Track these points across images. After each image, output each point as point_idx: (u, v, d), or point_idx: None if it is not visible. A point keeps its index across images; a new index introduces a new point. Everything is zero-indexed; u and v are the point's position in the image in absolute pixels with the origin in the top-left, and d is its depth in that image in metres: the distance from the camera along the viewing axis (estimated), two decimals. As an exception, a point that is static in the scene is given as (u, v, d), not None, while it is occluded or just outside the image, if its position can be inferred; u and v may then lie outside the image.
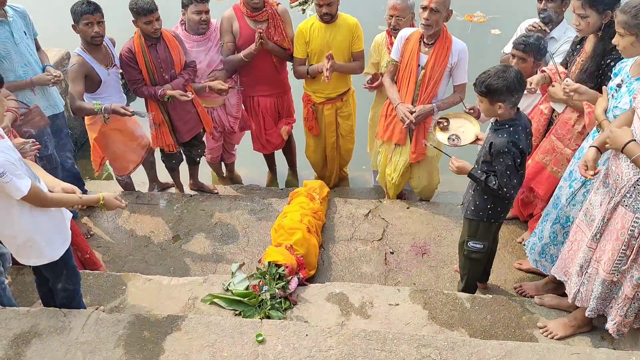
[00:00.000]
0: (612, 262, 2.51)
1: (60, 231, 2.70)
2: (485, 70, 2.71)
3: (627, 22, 2.39)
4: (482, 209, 2.94)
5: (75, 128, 5.22)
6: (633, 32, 2.39)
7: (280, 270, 3.21)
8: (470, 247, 3.08)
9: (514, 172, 2.74)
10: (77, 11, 3.49)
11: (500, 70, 2.66)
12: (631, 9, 2.37)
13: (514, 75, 2.63)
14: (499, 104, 2.67)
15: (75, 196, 2.64)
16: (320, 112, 4.31)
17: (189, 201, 4.29)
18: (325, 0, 3.80)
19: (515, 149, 2.69)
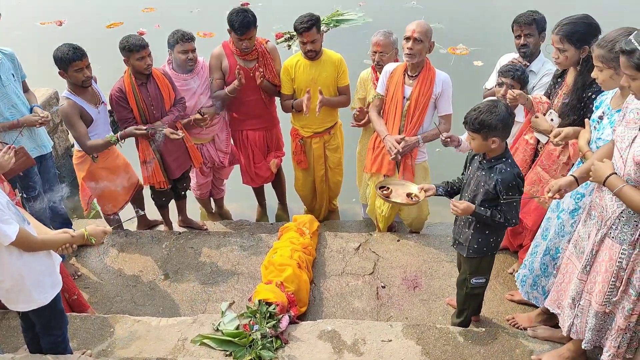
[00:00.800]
0: (603, 293, 2.50)
1: (49, 274, 2.66)
2: (475, 107, 2.73)
3: (604, 56, 2.43)
4: (485, 245, 2.93)
5: (62, 167, 5.21)
6: (611, 66, 2.43)
7: (271, 309, 3.17)
8: (473, 284, 3.07)
9: (519, 203, 2.79)
10: (65, 59, 3.51)
11: (491, 105, 2.68)
12: (607, 43, 2.42)
13: (505, 110, 2.67)
14: (493, 139, 2.69)
15: (66, 235, 2.62)
16: (308, 145, 4.34)
17: (178, 239, 4.26)
18: (309, 38, 3.86)
19: (520, 180, 2.74)
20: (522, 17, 3.53)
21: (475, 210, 2.80)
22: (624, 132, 2.30)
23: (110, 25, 8.99)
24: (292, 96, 4.17)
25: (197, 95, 4.12)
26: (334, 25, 8.68)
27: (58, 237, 2.61)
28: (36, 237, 2.52)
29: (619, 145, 2.32)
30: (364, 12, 8.94)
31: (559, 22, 2.94)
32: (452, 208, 2.84)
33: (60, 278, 2.75)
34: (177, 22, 8.81)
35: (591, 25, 2.88)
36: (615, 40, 2.41)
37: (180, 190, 4.40)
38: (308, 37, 3.86)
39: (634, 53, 2.07)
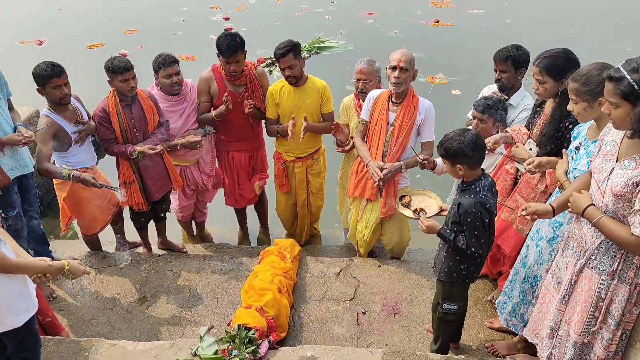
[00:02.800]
0: (581, 323, 2.54)
1: (24, 298, 2.59)
2: (446, 134, 2.81)
3: (578, 89, 2.53)
4: (456, 270, 2.96)
5: (41, 186, 5.13)
6: (585, 99, 2.52)
7: (250, 334, 3.14)
8: (445, 309, 3.08)
9: (482, 232, 2.79)
10: (42, 75, 3.49)
11: (457, 133, 2.76)
12: (581, 77, 2.52)
13: (469, 139, 2.71)
14: (459, 166, 2.76)
15: (44, 263, 2.56)
16: (291, 169, 4.37)
17: (157, 261, 4.20)
18: (286, 64, 3.93)
19: (482, 209, 2.75)
20: (499, 52, 3.61)
21: (439, 230, 2.88)
22: (601, 164, 2.37)
23: (92, 46, 8.98)
24: (277, 121, 4.21)
25: (185, 116, 4.12)
26: (315, 52, 8.81)
27: (34, 264, 2.55)
28: (10, 259, 2.45)
29: (597, 177, 2.39)
30: (345, 40, 9.11)
31: (539, 54, 3.04)
32: (419, 224, 2.97)
33: (35, 301, 2.68)
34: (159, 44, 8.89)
35: (570, 60, 2.98)
36: (588, 74, 2.51)
37: (160, 212, 4.36)
38: (285, 63, 3.92)
39: (621, 81, 2.11)
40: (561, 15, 10.30)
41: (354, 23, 9.98)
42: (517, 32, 9.26)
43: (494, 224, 2.89)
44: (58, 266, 2.60)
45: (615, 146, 2.32)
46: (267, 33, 9.31)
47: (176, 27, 9.78)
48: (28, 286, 2.64)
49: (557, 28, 9.55)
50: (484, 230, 2.80)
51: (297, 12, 10.54)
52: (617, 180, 2.25)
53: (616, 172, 2.28)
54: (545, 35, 8.93)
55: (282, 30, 9.60)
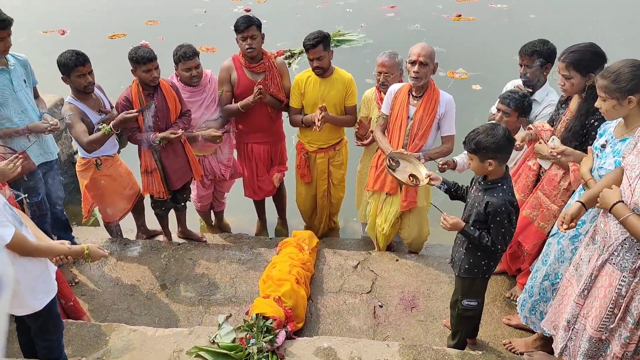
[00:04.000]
0: (599, 319, 2.52)
1: (44, 281, 2.64)
2: (475, 129, 2.78)
3: (607, 87, 2.48)
4: (477, 267, 2.95)
5: (65, 174, 5.21)
6: (614, 97, 2.48)
7: (268, 323, 3.16)
8: (464, 306, 3.08)
9: (509, 229, 2.79)
10: (67, 64, 3.55)
11: (489, 128, 2.73)
12: (610, 74, 2.47)
13: (502, 133, 2.70)
14: (489, 161, 2.73)
15: (63, 246, 2.61)
16: (312, 160, 4.39)
17: (177, 250, 4.25)
18: (315, 55, 3.93)
19: (512, 207, 2.75)
20: (525, 47, 3.56)
21: (464, 228, 2.85)
22: (634, 161, 2.34)
23: (113, 36, 9.07)
24: (301, 111, 4.23)
25: (204, 107, 4.15)
26: (335, 45, 8.80)
27: (54, 247, 2.60)
28: (31, 242, 2.50)
29: (629, 174, 2.36)
30: (365, 34, 9.07)
31: (565, 49, 3.00)
32: (441, 222, 2.90)
33: (55, 285, 2.73)
34: (180, 35, 8.95)
35: (597, 54, 2.93)
36: (618, 71, 2.46)
37: (180, 201, 4.41)
38: (314, 54, 3.93)
39: None
40: (586, 11, 10.14)
41: (375, 16, 9.94)
42: (541, 27, 9.12)
43: (517, 221, 2.88)
44: (77, 249, 2.65)
45: None
46: (288, 25, 9.33)
47: (197, 19, 9.84)
48: (49, 269, 2.70)
49: (582, 23, 9.41)
50: (511, 227, 2.81)
51: (318, 5, 10.53)
52: None
53: None
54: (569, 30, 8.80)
55: (303, 23, 9.60)
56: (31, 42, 8.68)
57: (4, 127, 3.38)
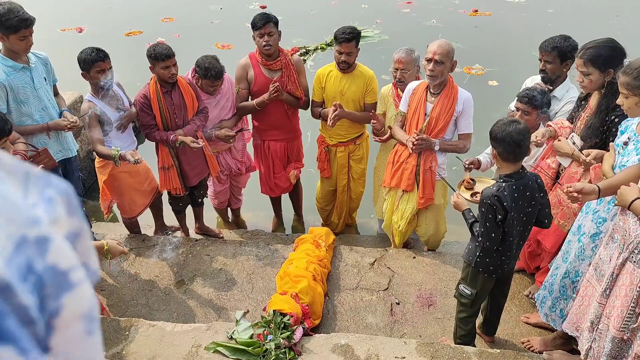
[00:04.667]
0: (621, 318, 2.49)
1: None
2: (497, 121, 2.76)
3: (629, 83, 2.44)
4: (471, 254, 2.96)
5: (83, 170, 5.27)
6: (636, 93, 2.44)
7: (285, 320, 3.18)
8: (460, 290, 3.10)
9: (494, 226, 2.75)
10: (87, 60, 3.58)
11: (508, 122, 2.70)
12: (633, 71, 2.43)
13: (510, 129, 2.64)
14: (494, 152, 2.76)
15: None
16: (333, 154, 4.41)
17: (194, 245, 4.28)
18: (347, 49, 3.93)
19: (498, 204, 2.70)
20: (545, 42, 3.51)
21: (464, 210, 2.94)
22: None
23: (129, 34, 9.13)
24: (322, 104, 4.25)
25: (219, 108, 4.18)
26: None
27: None
28: None
29: None
30: (380, 30, 9.02)
31: (583, 45, 2.96)
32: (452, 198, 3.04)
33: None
34: (196, 32, 9.00)
35: (616, 49, 2.89)
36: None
37: (197, 197, 4.44)
38: (346, 48, 3.93)
39: None
40: (607, 5, 9.99)
41: (390, 12, 9.88)
42: (560, 22, 9.02)
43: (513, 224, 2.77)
44: (97, 245, 2.68)
45: None
46: (304, 22, 9.33)
47: (213, 16, 9.86)
48: None
49: (601, 18, 9.27)
50: (497, 226, 2.75)
51: (333, 1, 10.50)
52: None
53: None
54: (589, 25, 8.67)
55: (319, 19, 9.60)
56: (50, 40, 8.78)
57: (25, 124, 3.42)
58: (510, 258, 2.93)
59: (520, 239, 2.88)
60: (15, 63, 3.35)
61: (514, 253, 2.92)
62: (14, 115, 3.36)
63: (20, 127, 3.36)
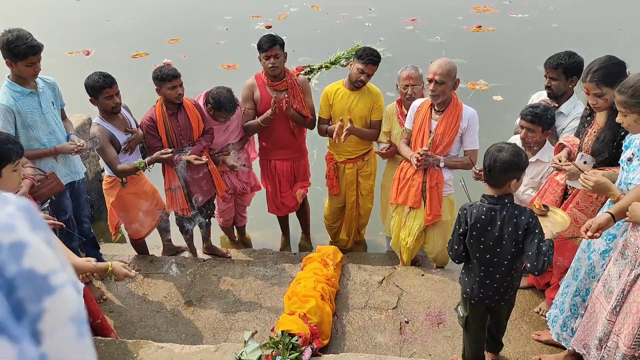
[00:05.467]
0: (632, 336, 2.45)
1: None
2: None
3: (626, 102, 2.44)
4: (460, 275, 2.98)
5: (92, 191, 5.30)
6: (634, 110, 2.43)
7: (294, 340, 3.16)
8: (457, 310, 3.11)
9: (457, 238, 2.78)
10: (95, 86, 3.62)
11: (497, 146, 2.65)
12: (628, 89, 2.43)
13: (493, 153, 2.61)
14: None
15: (89, 263, 2.65)
16: (341, 171, 4.43)
17: (202, 266, 4.28)
18: (369, 71, 3.99)
19: (463, 219, 2.72)
20: (550, 59, 3.51)
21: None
22: None
23: (136, 55, 9.24)
24: (329, 121, 4.29)
25: (228, 132, 4.22)
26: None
27: (80, 264, 2.63)
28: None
29: None
30: (384, 47, 9.07)
31: (587, 69, 2.93)
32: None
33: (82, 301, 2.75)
34: (202, 53, 9.10)
35: (620, 64, 2.88)
36: (636, 85, 2.41)
37: (204, 217, 4.44)
38: (370, 70, 4.00)
39: None
40: (610, 19, 10.02)
41: (394, 30, 9.96)
42: (564, 36, 9.05)
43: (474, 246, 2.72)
44: (102, 267, 2.68)
45: None
46: (308, 41, 9.41)
47: (219, 36, 9.97)
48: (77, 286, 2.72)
49: (605, 31, 9.30)
50: (459, 240, 2.76)
51: (337, 20, 10.60)
52: None
53: None
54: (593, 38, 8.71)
55: (323, 38, 9.69)
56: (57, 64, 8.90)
57: (33, 148, 3.46)
58: (482, 286, 2.80)
59: (488, 266, 2.73)
60: (23, 88, 3.39)
61: (486, 283, 2.78)
62: (22, 140, 3.40)
63: (28, 151, 3.39)
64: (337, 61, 8.66)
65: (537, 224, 2.60)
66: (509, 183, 2.60)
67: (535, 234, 2.56)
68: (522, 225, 2.59)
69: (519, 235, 2.60)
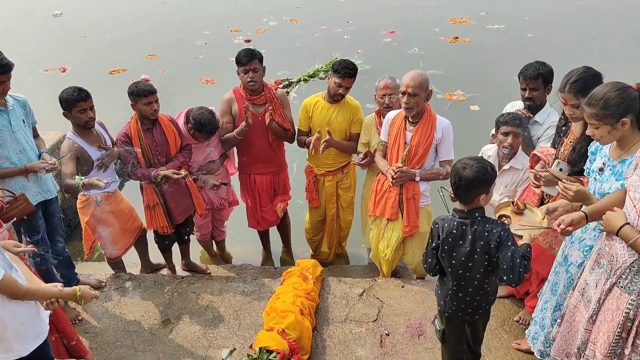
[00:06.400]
0: (608, 344, 2.46)
1: (33, 325, 2.59)
2: None
3: (597, 114, 2.44)
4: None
5: (68, 210, 5.22)
6: (606, 122, 2.45)
7: (272, 357, 3.12)
8: (434, 322, 3.10)
9: (430, 250, 2.81)
10: (69, 99, 3.59)
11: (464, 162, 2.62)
12: (598, 102, 2.43)
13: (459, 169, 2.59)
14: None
15: (54, 289, 2.58)
16: (321, 183, 4.43)
17: (180, 283, 4.22)
18: (346, 84, 4.03)
19: (435, 233, 2.75)
20: (528, 70, 3.54)
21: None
22: (637, 182, 2.31)
23: (113, 72, 9.17)
24: (308, 133, 4.31)
25: (208, 151, 4.21)
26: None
27: (45, 290, 2.57)
28: (22, 285, 2.46)
29: (632, 195, 2.32)
30: (362, 60, 9.11)
31: (565, 79, 2.96)
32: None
33: (46, 328, 2.67)
34: (180, 68, 9.07)
35: (596, 76, 2.91)
36: (606, 97, 2.41)
37: (184, 235, 4.39)
38: (347, 83, 4.03)
39: None
40: (584, 28, 10.23)
41: (372, 42, 10.03)
42: (539, 46, 9.20)
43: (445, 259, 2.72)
44: (69, 292, 2.62)
45: None
46: (287, 54, 9.43)
47: (198, 51, 9.95)
48: (40, 313, 2.65)
49: (580, 41, 9.48)
50: (433, 253, 2.78)
51: (316, 33, 10.66)
52: None
53: None
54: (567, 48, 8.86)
55: (302, 51, 9.72)
56: (33, 81, 8.80)
57: (3, 167, 3.39)
58: (454, 299, 2.78)
59: (461, 280, 2.71)
60: None
61: (459, 296, 2.75)
62: (-9, 159, 3.34)
63: (-3, 170, 3.34)
64: (316, 74, 8.69)
65: (509, 237, 2.59)
66: (478, 198, 2.59)
67: (507, 247, 2.54)
68: (493, 239, 2.57)
69: (492, 249, 2.58)
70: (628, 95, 2.40)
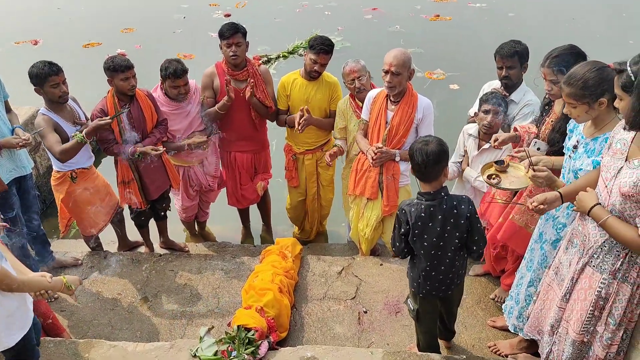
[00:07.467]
0: (580, 322, 2.52)
1: (20, 316, 2.58)
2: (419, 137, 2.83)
3: (576, 94, 2.46)
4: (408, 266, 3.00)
5: (43, 186, 5.12)
6: (584, 102, 2.47)
7: (250, 335, 3.13)
8: (407, 303, 3.12)
9: (398, 235, 2.82)
10: (40, 74, 3.48)
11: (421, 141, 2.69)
12: (577, 82, 2.44)
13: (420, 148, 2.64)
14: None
15: (44, 280, 2.56)
16: (301, 162, 4.40)
17: (158, 261, 4.19)
18: (322, 60, 3.97)
19: (403, 219, 2.75)
20: (504, 49, 3.53)
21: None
22: (610, 162, 2.34)
23: (88, 45, 8.94)
24: (287, 112, 4.25)
25: (190, 118, 4.11)
26: (308, 48, 8.78)
27: (35, 281, 2.55)
28: (15, 277, 2.43)
29: (604, 175, 2.36)
30: (342, 37, 9.02)
31: (547, 54, 2.96)
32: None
33: (31, 317, 2.67)
34: (157, 42, 8.87)
35: (580, 55, 2.91)
36: (584, 77, 2.43)
37: (160, 211, 4.34)
38: (323, 60, 3.97)
39: (622, 73, 2.14)
40: (564, 8, 10.25)
41: (353, 19, 9.93)
42: (520, 25, 9.20)
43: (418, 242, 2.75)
44: (57, 283, 2.62)
45: (626, 145, 2.28)
46: (267, 30, 9.29)
47: (175, 25, 9.74)
48: (27, 304, 2.63)
49: (560, 21, 9.52)
50: (400, 238, 2.80)
51: (297, 9, 10.50)
52: (625, 180, 2.21)
53: (625, 171, 2.24)
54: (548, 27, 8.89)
55: (283, 27, 9.58)
56: (4, 54, 8.54)
57: (-24, 143, 3.30)
58: (427, 279, 2.82)
59: (433, 259, 2.76)
60: None
61: (432, 275, 2.80)
62: (-38, 135, 3.25)
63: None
64: (295, 50, 8.59)
65: (474, 209, 2.71)
66: (443, 172, 2.66)
67: (477, 219, 2.68)
68: (464, 214, 2.67)
69: (462, 225, 2.67)
70: (607, 75, 2.41)
